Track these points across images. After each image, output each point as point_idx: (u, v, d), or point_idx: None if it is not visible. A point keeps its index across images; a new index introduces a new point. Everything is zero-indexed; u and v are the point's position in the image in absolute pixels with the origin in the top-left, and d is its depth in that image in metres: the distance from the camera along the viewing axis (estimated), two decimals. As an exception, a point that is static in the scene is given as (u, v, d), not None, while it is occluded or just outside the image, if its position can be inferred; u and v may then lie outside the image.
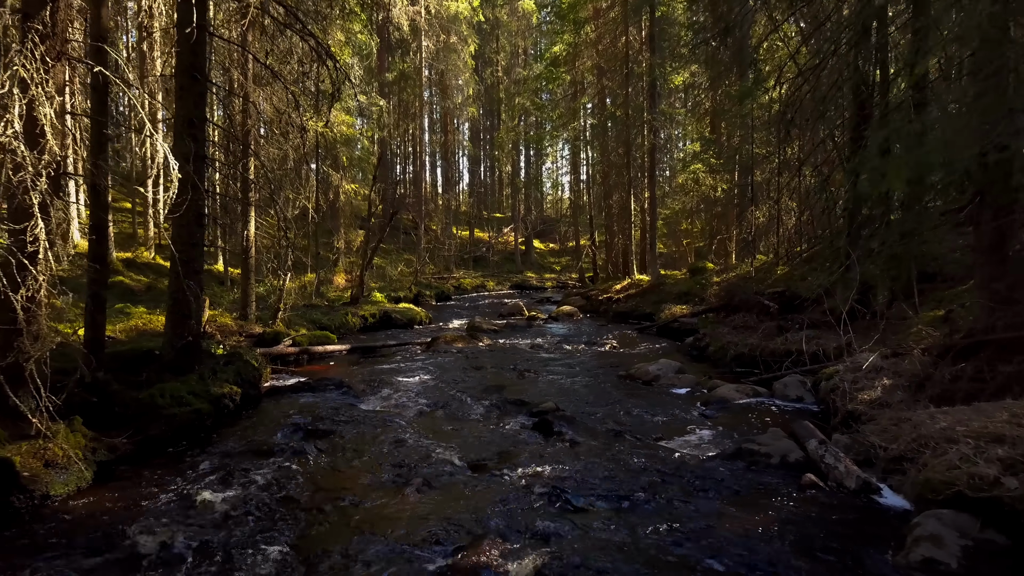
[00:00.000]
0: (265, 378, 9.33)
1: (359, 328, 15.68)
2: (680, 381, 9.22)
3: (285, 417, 7.28)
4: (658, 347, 13.20)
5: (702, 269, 17.95)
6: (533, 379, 9.69)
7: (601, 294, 20.47)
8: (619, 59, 20.57)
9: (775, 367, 9.88)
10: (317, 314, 14.73)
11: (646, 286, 18.80)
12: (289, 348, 10.73)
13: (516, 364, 11.01)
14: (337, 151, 20.36)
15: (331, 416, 7.31)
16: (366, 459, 5.91)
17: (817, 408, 7.63)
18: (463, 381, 9.50)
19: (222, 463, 5.74)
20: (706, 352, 11.85)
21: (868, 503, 4.69)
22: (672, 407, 7.89)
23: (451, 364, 11.02)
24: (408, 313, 16.99)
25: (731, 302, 13.53)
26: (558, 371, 10.37)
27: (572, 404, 7.97)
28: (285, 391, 8.62)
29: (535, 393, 8.63)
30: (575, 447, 6.13)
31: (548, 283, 34.42)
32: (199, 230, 7.46)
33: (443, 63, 29.81)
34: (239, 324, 12.08)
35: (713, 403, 7.95)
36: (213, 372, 7.62)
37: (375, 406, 8.04)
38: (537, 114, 27.83)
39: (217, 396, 7.28)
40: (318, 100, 10.47)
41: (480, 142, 42.28)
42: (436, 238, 33.67)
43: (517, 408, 7.78)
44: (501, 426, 7.05)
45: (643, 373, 9.57)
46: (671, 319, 15.09)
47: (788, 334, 10.95)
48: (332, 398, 8.35)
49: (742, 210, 18.82)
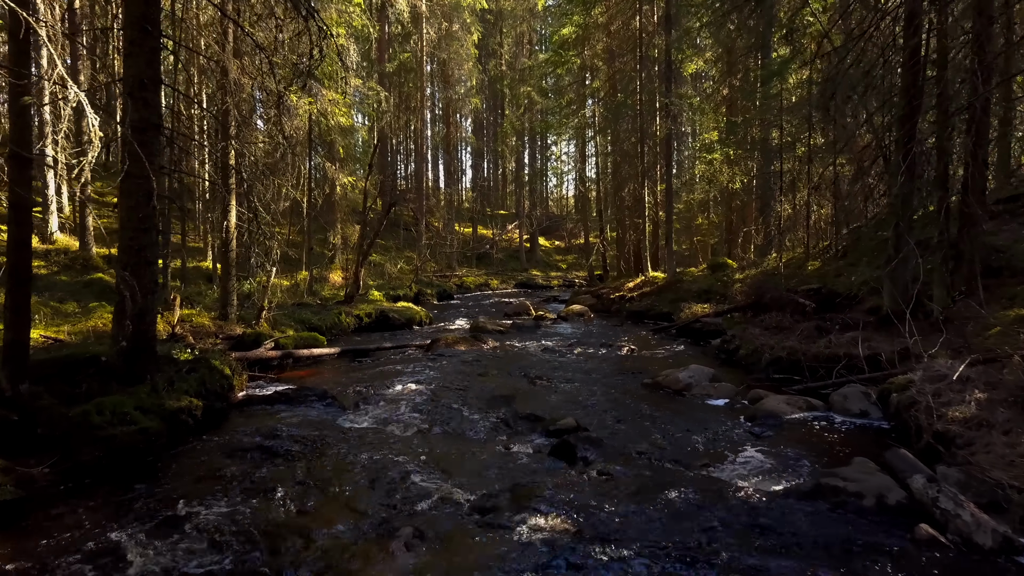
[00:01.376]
0: (240, 387, 8.15)
1: (353, 329, 14.48)
2: (716, 391, 7.99)
3: (254, 437, 6.07)
4: (681, 350, 11.99)
5: (722, 265, 16.71)
6: (546, 388, 8.48)
7: (613, 292, 19.24)
8: (632, 41, 19.33)
9: (821, 374, 8.67)
10: (307, 313, 13.54)
11: (661, 284, 17.58)
12: (270, 352, 9.55)
13: (525, 370, 9.80)
14: (332, 139, 19.16)
15: (309, 436, 6.10)
16: (345, 497, 4.70)
17: (888, 425, 6.40)
18: (466, 390, 8.29)
19: (162, 502, 4.55)
20: (736, 356, 10.63)
21: (1014, 569, 3.47)
22: (713, 423, 6.67)
23: (452, 369, 9.82)
24: (406, 313, 15.79)
25: (761, 300, 12.30)
26: (573, 378, 9.16)
27: (595, 420, 6.76)
28: (259, 403, 7.42)
29: (550, 406, 7.42)
30: (606, 480, 4.91)
31: (554, 282, 33.20)
32: (150, 212, 6.25)
33: (445, 52, 28.57)
34: (218, 324, 10.89)
35: (761, 418, 6.73)
36: (170, 382, 6.43)
37: (362, 422, 6.84)
38: (543, 102, 26.60)
39: (172, 411, 6.08)
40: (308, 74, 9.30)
41: (483, 136, 41.05)
42: (438, 235, 32.47)
43: (530, 425, 6.57)
44: (512, 449, 5.83)
45: (673, 381, 8.35)
46: (692, 319, 13.86)
47: (831, 336, 9.71)
48: (313, 412, 7.14)
49: (764, 202, 17.58)
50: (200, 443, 5.94)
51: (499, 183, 49.03)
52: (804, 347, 9.59)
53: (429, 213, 30.56)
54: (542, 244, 41.61)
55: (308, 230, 17.84)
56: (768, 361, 9.82)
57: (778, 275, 13.68)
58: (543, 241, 42.34)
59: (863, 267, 12.85)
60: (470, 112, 34.32)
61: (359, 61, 21.63)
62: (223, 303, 11.31)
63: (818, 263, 13.86)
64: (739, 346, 10.83)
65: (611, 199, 22.69)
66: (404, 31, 29.90)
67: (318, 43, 7.12)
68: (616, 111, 19.05)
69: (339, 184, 22.17)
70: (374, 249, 28.91)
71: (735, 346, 10.96)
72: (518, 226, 38.14)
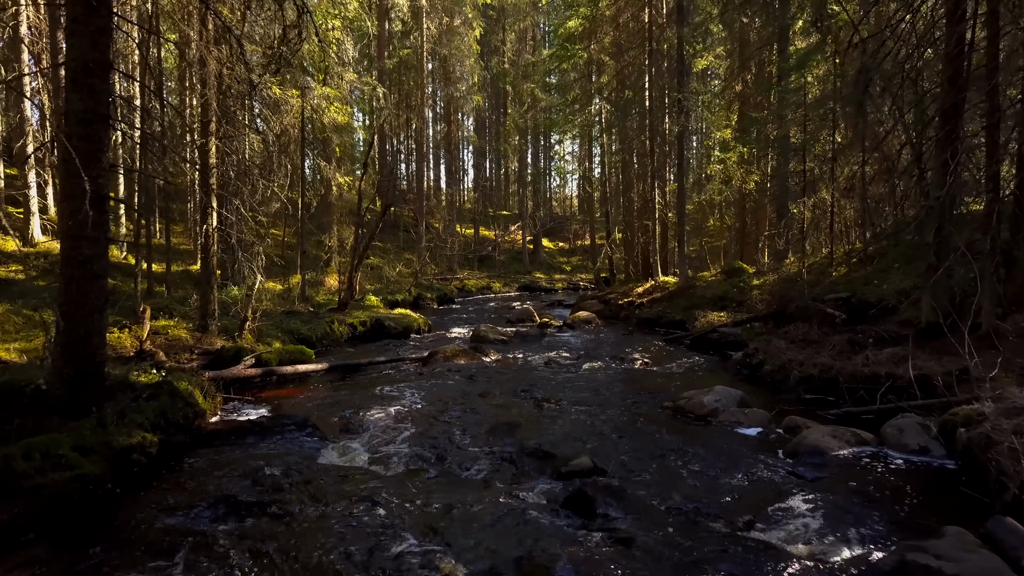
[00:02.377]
0: (212, 411, 7.28)
1: (347, 338, 13.60)
2: (746, 418, 7.09)
3: (216, 482, 5.20)
4: (697, 363, 11.09)
5: (738, 270, 15.79)
6: (554, 412, 7.58)
7: (621, 298, 18.33)
8: (641, 35, 18.42)
9: (861, 395, 7.77)
10: (296, 323, 12.67)
11: (673, 289, 16.67)
12: (249, 370, 8.66)
13: (531, 388, 8.90)
14: (327, 136, 18.29)
15: (280, 480, 5.21)
16: (312, 569, 3.82)
17: (955, 465, 5.49)
18: (465, 415, 7.40)
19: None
20: (760, 372, 9.73)
21: None
22: (749, 460, 5.78)
23: (450, 389, 8.93)
24: (404, 320, 14.91)
25: (785, 310, 11.39)
26: (584, 399, 8.26)
27: (612, 456, 5.87)
28: (230, 433, 6.53)
29: (560, 436, 6.53)
30: (632, 545, 4.02)
31: (558, 284, 32.30)
32: (100, 218, 5.37)
33: (446, 48, 27.66)
34: (196, 337, 10.03)
35: (805, 455, 5.84)
36: (121, 414, 5.55)
37: (344, 458, 5.96)
38: (547, 99, 25.66)
39: (121, 450, 5.21)
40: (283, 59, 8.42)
41: (486, 135, 40.13)
42: (438, 236, 31.58)
43: (539, 464, 5.68)
44: (518, 498, 4.94)
45: (697, 406, 7.45)
46: (708, 328, 12.95)
47: (868, 352, 8.79)
48: (289, 445, 6.26)
49: (780, 203, 16.66)
50: (149, 492, 5.04)
51: (502, 183, 48.12)
52: (839, 364, 8.68)
53: (429, 214, 29.68)
54: (546, 246, 40.71)
55: (302, 232, 16.98)
56: (798, 379, 8.92)
57: (800, 282, 12.77)
58: (547, 243, 41.44)
59: (895, 274, 11.94)
60: (472, 110, 33.40)
61: (356, 57, 20.77)
62: (202, 313, 10.44)
63: (843, 269, 12.95)
64: (763, 361, 9.93)
65: (618, 199, 21.81)
66: (405, 27, 29.03)
67: (296, 24, 6.24)
68: (624, 108, 18.15)
69: (335, 184, 21.30)
70: (372, 252, 28.02)
71: (758, 361, 10.06)
72: (521, 227, 37.26)
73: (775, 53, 17.87)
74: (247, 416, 7.39)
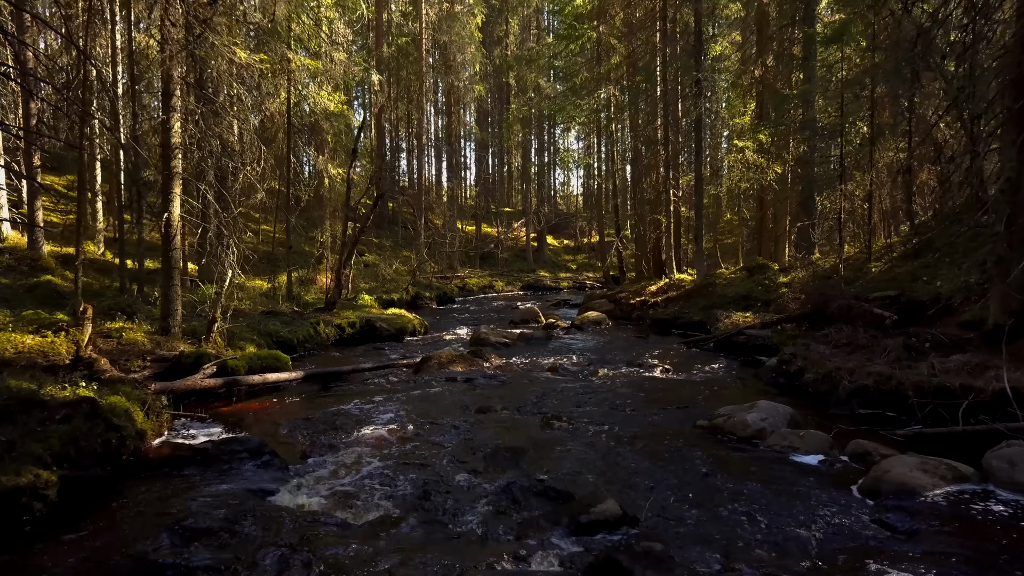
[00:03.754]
0: (156, 432, 6.04)
1: (333, 341, 12.35)
2: (802, 442, 5.80)
3: (124, 536, 3.96)
4: (724, 371, 9.82)
5: (762, 267, 14.50)
6: (566, 434, 6.31)
7: (632, 297, 17.05)
8: (654, 14, 17.11)
9: (933, 411, 6.48)
10: (277, 324, 11.42)
11: (690, 287, 15.39)
12: (207, 380, 7.40)
13: (538, 402, 7.64)
14: (316, 122, 17.06)
15: (218, 528, 3.95)
16: None
17: (1092, 512, 4.22)
18: (459, 437, 6.15)
19: None
20: (801, 381, 8.46)
21: None
22: (818, 502, 4.51)
23: (444, 402, 7.67)
24: (397, 321, 13.65)
25: (823, 310, 10.10)
26: (601, 416, 6.99)
27: (643, 496, 4.61)
28: (165, 464, 5.27)
29: (575, 466, 5.26)
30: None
31: (564, 283, 31.03)
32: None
33: (446, 35, 26.39)
34: (155, 341, 8.78)
35: (889, 496, 4.57)
36: (9, 445, 4.29)
37: (303, 499, 4.70)
38: (551, 87, 24.38)
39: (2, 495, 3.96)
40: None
41: (488, 128, 38.80)
42: (438, 233, 30.30)
43: (551, 509, 4.41)
44: (524, 562, 3.68)
45: (738, 426, 6.18)
46: (733, 331, 11.67)
47: (933, 359, 7.49)
48: (238, 480, 5.00)
49: (807, 194, 15.36)
50: (41, 551, 3.79)
51: (504, 179, 46.83)
52: (900, 374, 7.39)
53: (429, 209, 28.44)
54: (550, 243, 39.40)
55: (288, 226, 15.75)
56: (849, 391, 7.64)
57: (836, 279, 11.48)
58: (551, 240, 40.13)
59: (946, 269, 10.64)
60: (473, 100, 32.11)
61: (355, 48, 19.51)
62: (164, 313, 9.19)
63: (883, 264, 11.65)
64: (803, 368, 8.64)
65: (629, 192, 20.51)
66: (404, 16, 27.77)
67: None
68: (636, 92, 16.84)
69: (327, 176, 20.06)
70: (368, 249, 26.80)
71: (797, 368, 8.77)
72: (524, 224, 35.98)
73: (798, 32, 16.59)
74: (197, 438, 6.14)
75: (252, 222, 25.52)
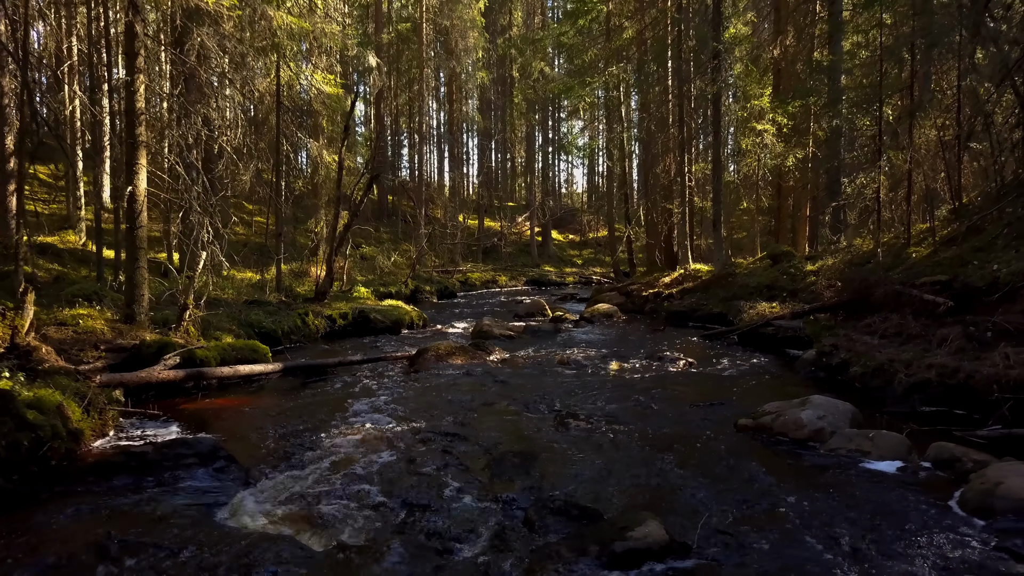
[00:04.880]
0: (96, 431, 5.07)
1: (323, 333, 11.37)
2: (872, 445, 4.78)
3: (43, 560, 2.97)
4: (754, 364, 8.81)
5: (786, 254, 13.46)
6: (584, 434, 5.31)
7: (645, 288, 16.04)
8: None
9: (1011, 409, 5.48)
10: (259, 314, 10.45)
11: (707, 278, 14.37)
12: (167, 372, 6.41)
13: (548, 398, 6.65)
14: (312, 107, 16.09)
15: (133, 561, 2.98)
16: None
17: None
18: (457, 441, 5.16)
19: None
20: (846, 375, 7.46)
21: None
22: (911, 522, 3.52)
23: (442, 398, 6.69)
24: (393, 313, 12.67)
25: (866, 297, 9.07)
26: (622, 414, 5.99)
27: (688, 513, 3.62)
28: (96, 470, 4.29)
29: (598, 475, 4.27)
30: None
31: (569, 279, 30.01)
32: None
33: (448, 19, 25.40)
34: (117, 330, 7.82)
35: (1009, 514, 3.56)
36: None
37: (261, 518, 3.71)
38: (556, 74, 23.33)
39: None
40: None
41: (491, 118, 37.70)
42: (439, 226, 29.29)
43: (574, 532, 3.41)
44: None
45: (790, 425, 5.17)
46: (760, 322, 10.65)
47: (1007, 349, 6.47)
48: (179, 491, 4.02)
49: (832, 177, 14.32)
50: None
51: (508, 173, 45.78)
52: (968, 366, 6.39)
53: (430, 201, 27.43)
54: (555, 238, 38.35)
55: (278, 213, 14.79)
56: (908, 386, 6.63)
57: (874, 264, 10.46)
58: (556, 235, 39.08)
59: (1002, 252, 9.61)
60: (475, 88, 31.05)
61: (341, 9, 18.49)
62: (128, 299, 8.22)
63: (924, 249, 10.61)
64: (847, 361, 7.63)
65: (638, 180, 19.51)
66: (403, 0, 26.79)
67: None
68: (648, 72, 15.81)
69: (323, 164, 19.09)
70: (366, 241, 25.81)
71: (840, 361, 7.76)
72: (529, 218, 34.94)
73: (821, 7, 15.59)
74: (145, 438, 5.16)
75: (246, 213, 24.59)
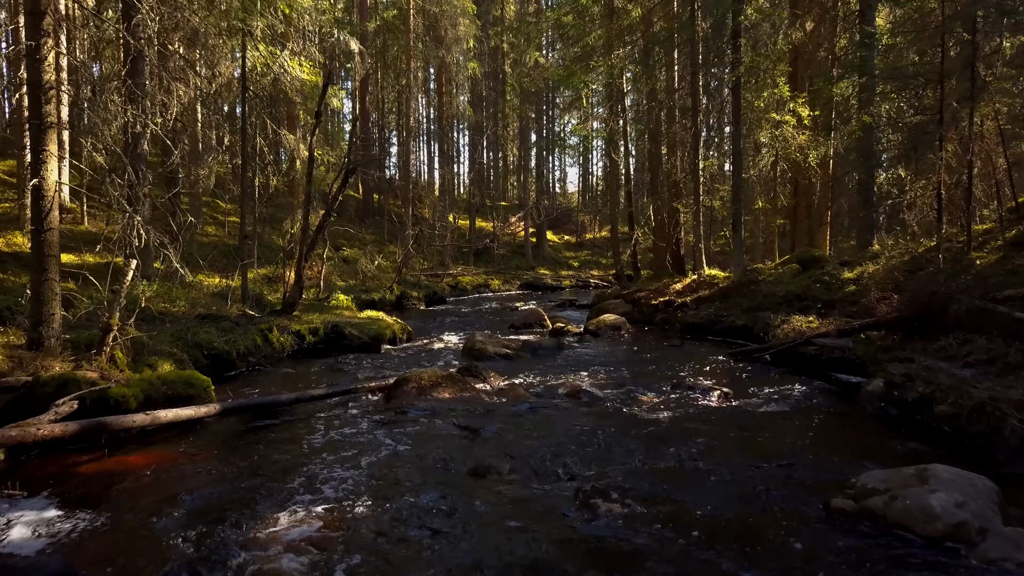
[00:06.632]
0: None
1: (289, 353, 9.77)
2: (1047, 552, 3.26)
3: None
4: (802, 395, 7.29)
5: (818, 259, 11.96)
6: (619, 526, 3.74)
7: (653, 296, 14.51)
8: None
9: None
10: (211, 332, 8.81)
11: (725, 285, 12.86)
12: (51, 429, 4.76)
13: (562, 454, 5.08)
14: (284, 91, 14.46)
15: None
16: None
17: None
18: (440, 537, 3.58)
19: None
20: (928, 415, 5.98)
21: None
22: None
23: (420, 455, 5.10)
24: (372, 327, 11.07)
25: (935, 312, 7.56)
26: (666, 486, 4.43)
27: None
28: None
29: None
30: None
31: (566, 282, 28.50)
32: None
33: (437, 5, 23.79)
34: (17, 359, 6.19)
35: None
36: None
37: None
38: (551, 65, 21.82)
39: None
40: None
41: (482, 113, 36.04)
42: (428, 226, 27.65)
43: None
44: None
45: (914, 516, 3.63)
46: (797, 339, 9.13)
47: None
48: None
49: (867, 172, 12.85)
50: None
51: (500, 171, 44.15)
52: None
53: (418, 200, 25.79)
54: (550, 239, 36.77)
55: (243, 210, 13.14)
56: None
57: (932, 272, 8.98)
58: (551, 235, 37.50)
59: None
60: (466, 80, 29.42)
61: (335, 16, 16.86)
62: (35, 320, 6.58)
63: (990, 254, 9.15)
64: (930, 396, 6.11)
65: (648, 176, 17.98)
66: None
67: None
68: (653, 55, 14.24)
69: (300, 159, 17.44)
70: (349, 242, 24.13)
71: (918, 396, 6.25)
72: (522, 217, 33.36)
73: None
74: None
75: (220, 213, 22.86)
